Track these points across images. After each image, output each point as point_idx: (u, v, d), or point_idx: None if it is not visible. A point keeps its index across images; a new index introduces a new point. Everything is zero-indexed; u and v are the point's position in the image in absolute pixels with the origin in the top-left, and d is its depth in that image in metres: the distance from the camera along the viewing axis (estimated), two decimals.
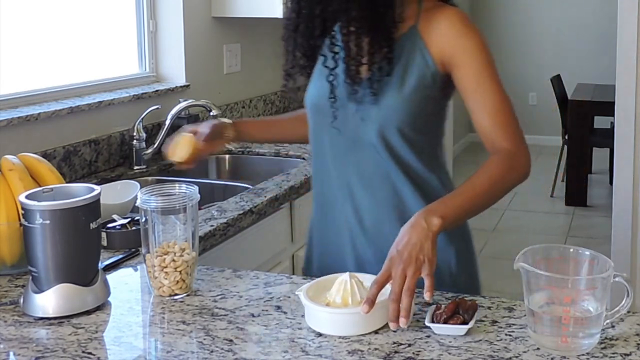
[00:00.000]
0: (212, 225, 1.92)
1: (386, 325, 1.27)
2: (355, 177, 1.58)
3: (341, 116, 1.56)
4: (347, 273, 1.31)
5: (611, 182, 4.89)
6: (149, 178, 2.59)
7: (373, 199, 1.57)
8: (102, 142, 2.56)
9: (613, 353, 1.17)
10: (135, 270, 1.62)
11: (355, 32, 1.51)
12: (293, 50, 1.61)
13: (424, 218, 1.34)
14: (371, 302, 1.23)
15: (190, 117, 2.83)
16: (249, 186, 2.35)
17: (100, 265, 1.45)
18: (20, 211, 1.40)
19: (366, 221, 1.58)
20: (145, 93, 2.79)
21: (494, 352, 1.18)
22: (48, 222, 1.34)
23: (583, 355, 1.17)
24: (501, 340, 1.22)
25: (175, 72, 3.04)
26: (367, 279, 1.31)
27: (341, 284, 1.29)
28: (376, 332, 1.25)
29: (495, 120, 1.50)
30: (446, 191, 1.55)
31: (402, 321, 1.23)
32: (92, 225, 1.39)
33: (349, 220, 1.60)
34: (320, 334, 1.25)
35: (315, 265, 1.69)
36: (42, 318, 1.35)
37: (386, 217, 1.57)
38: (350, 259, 1.61)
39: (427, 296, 1.27)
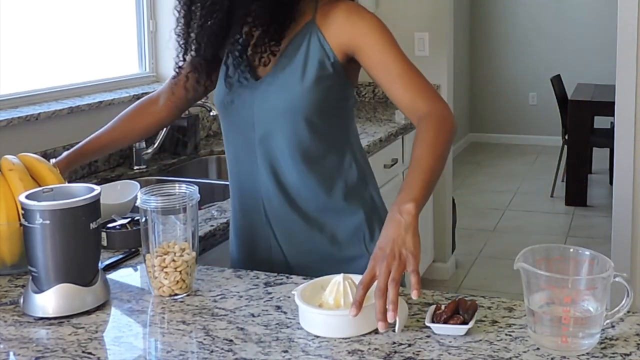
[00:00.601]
0: (212, 225, 1.93)
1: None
2: (264, 169, 1.63)
3: (249, 111, 1.62)
4: (341, 275, 1.30)
5: (611, 182, 4.89)
6: (149, 178, 2.59)
7: (281, 189, 1.64)
8: None
9: (613, 353, 1.17)
10: (135, 270, 1.62)
11: (252, 23, 1.56)
12: (185, 44, 1.64)
13: (397, 211, 1.33)
14: (359, 304, 1.22)
15: (190, 117, 2.83)
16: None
17: (100, 265, 1.45)
18: (20, 211, 1.40)
19: (274, 210, 1.66)
20: (145, 93, 2.78)
21: (494, 352, 1.18)
22: (48, 222, 1.34)
23: (583, 355, 1.17)
24: (501, 340, 1.22)
25: None
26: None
27: (334, 285, 1.29)
28: (376, 332, 1.25)
29: (407, 85, 1.54)
30: (353, 173, 1.66)
31: (390, 315, 1.20)
32: (92, 225, 1.39)
33: (261, 211, 1.67)
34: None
35: (241, 257, 1.76)
36: (42, 318, 1.34)
37: (291, 204, 1.64)
38: (265, 248, 1.69)
39: (414, 294, 1.23)
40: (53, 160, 1.78)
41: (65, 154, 1.84)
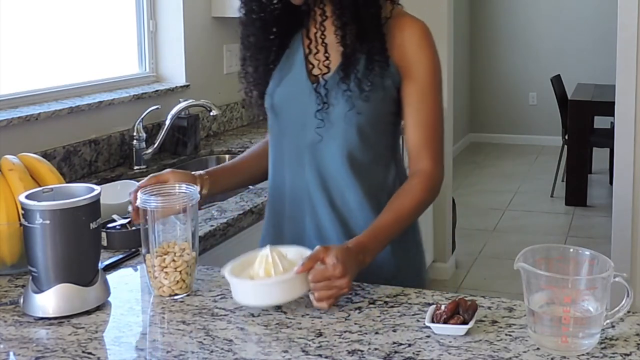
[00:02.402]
0: (212, 225, 1.92)
1: (386, 325, 1.27)
2: (312, 175, 1.59)
3: (303, 114, 1.58)
4: (268, 247, 1.37)
5: (611, 182, 4.88)
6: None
7: (327, 196, 1.60)
8: (102, 142, 2.57)
9: (613, 353, 1.17)
10: (135, 270, 1.62)
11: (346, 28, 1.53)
12: (264, 48, 1.61)
13: (362, 249, 1.41)
14: (306, 267, 1.32)
15: (190, 117, 2.83)
16: (248, 186, 2.35)
17: (100, 265, 1.45)
18: (20, 211, 1.40)
19: (319, 217, 1.61)
20: (145, 93, 2.79)
21: (494, 352, 1.18)
22: (48, 222, 1.34)
23: (583, 355, 1.17)
24: (501, 340, 1.22)
25: (175, 72, 3.04)
26: (288, 251, 1.41)
27: (263, 257, 1.35)
28: (376, 332, 1.25)
29: (426, 136, 1.56)
30: (396, 187, 1.61)
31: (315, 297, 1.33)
32: (92, 225, 1.39)
33: (305, 217, 1.62)
34: (320, 334, 1.25)
35: None
36: (42, 318, 1.35)
37: (337, 212, 1.60)
38: None
39: (317, 304, 1.33)
40: (200, 172, 1.65)
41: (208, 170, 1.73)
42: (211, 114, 2.71)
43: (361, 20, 1.51)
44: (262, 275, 1.34)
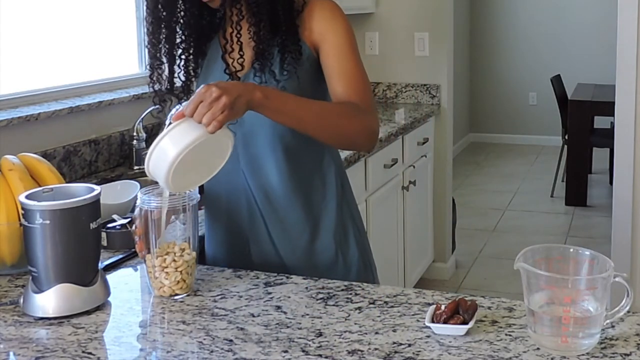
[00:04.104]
0: None
1: (386, 325, 1.27)
2: (247, 170, 1.63)
3: None
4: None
5: (611, 182, 4.88)
6: (149, 178, 2.58)
7: (262, 190, 1.63)
8: (102, 142, 2.57)
9: (613, 353, 1.17)
10: (135, 270, 1.62)
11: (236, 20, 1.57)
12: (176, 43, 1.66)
13: (254, 87, 1.39)
14: (179, 115, 1.35)
15: None
16: None
17: (100, 265, 1.45)
18: (20, 211, 1.40)
19: (255, 211, 1.64)
20: (145, 93, 2.79)
21: (494, 352, 1.18)
22: (48, 222, 1.34)
23: (583, 355, 1.17)
24: (501, 340, 1.22)
25: None
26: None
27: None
28: (376, 332, 1.25)
29: (351, 86, 1.57)
30: (331, 176, 1.67)
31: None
32: (92, 225, 1.39)
33: (244, 213, 1.65)
34: (320, 334, 1.25)
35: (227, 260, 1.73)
36: (42, 318, 1.35)
37: (271, 205, 1.63)
38: (256, 250, 1.67)
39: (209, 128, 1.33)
40: None
41: None
42: None
43: (275, 15, 1.56)
44: None
